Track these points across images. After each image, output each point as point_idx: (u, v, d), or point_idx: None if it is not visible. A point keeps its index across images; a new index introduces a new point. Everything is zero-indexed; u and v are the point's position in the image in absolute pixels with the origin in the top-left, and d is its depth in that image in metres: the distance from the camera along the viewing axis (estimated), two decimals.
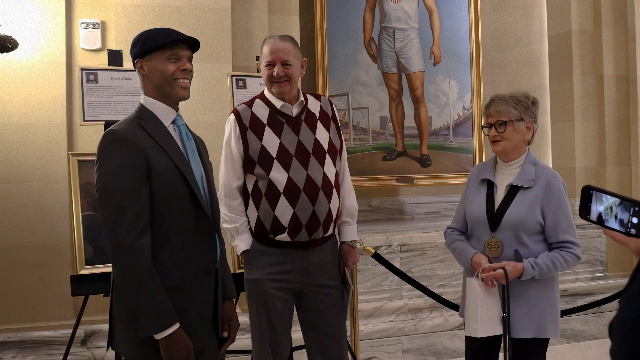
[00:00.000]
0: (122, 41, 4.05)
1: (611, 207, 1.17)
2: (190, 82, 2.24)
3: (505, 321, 2.50)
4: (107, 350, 2.18)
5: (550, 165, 5.97)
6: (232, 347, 3.69)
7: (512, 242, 2.56)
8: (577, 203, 4.75)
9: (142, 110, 2.20)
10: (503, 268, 2.49)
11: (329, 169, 2.75)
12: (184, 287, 2.13)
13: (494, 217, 2.59)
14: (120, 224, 2.02)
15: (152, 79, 2.19)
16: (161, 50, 2.17)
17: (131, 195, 2.05)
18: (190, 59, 2.24)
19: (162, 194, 2.10)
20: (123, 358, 3.01)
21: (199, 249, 2.18)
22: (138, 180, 2.06)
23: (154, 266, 2.05)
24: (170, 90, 2.19)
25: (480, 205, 2.66)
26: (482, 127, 2.73)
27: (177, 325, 2.05)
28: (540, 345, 2.57)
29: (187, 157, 2.21)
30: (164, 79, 2.18)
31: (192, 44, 2.25)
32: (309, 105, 2.81)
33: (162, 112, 2.20)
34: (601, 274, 5.33)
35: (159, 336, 2.03)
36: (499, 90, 2.79)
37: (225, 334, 2.32)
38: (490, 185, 2.67)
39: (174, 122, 2.24)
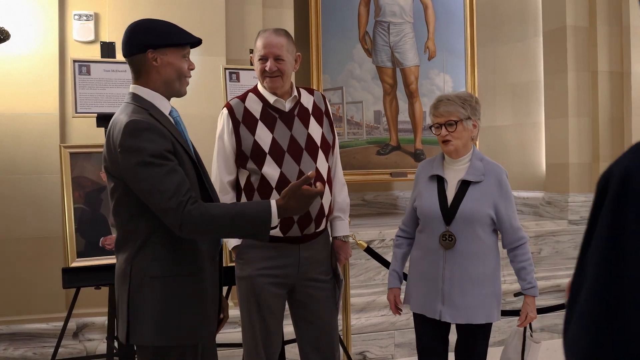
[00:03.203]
0: (115, 33, 4.03)
1: None
2: None
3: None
4: (125, 343, 2.15)
5: (544, 161, 5.98)
6: (223, 340, 3.69)
7: (467, 234, 2.71)
8: (571, 198, 4.74)
9: (142, 101, 2.16)
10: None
11: (322, 165, 2.74)
12: (202, 272, 2.18)
13: (448, 212, 2.72)
14: (179, 201, 2.00)
15: (163, 72, 2.16)
16: (178, 47, 2.17)
17: (176, 173, 2.04)
18: None
19: None
20: (115, 346, 3.01)
21: None
22: (175, 162, 2.06)
23: (176, 256, 2.11)
24: (179, 87, 2.20)
25: (433, 200, 2.77)
26: (430, 127, 2.84)
27: (273, 205, 2.08)
28: (488, 329, 2.82)
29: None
30: (176, 75, 2.18)
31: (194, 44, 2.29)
32: (302, 100, 2.80)
33: (161, 103, 2.19)
34: None
35: (275, 222, 2.09)
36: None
37: (221, 315, 2.37)
38: (440, 181, 2.79)
39: (169, 113, 2.24)
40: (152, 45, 2.13)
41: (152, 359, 2.14)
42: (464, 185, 2.74)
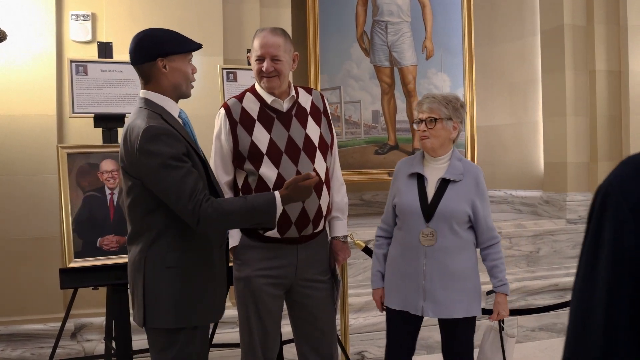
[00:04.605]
0: (112, 33, 4.03)
1: None
2: None
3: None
4: (142, 326, 2.35)
5: (542, 160, 5.98)
6: (221, 340, 3.69)
7: (446, 231, 2.76)
8: (569, 198, 4.73)
9: (154, 106, 2.33)
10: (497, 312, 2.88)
11: (319, 165, 2.73)
12: (212, 259, 2.40)
13: (428, 209, 2.78)
14: (196, 200, 2.20)
15: (171, 77, 2.34)
16: (185, 53, 2.37)
17: (192, 174, 2.23)
18: None
19: None
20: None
21: None
22: (189, 164, 2.26)
23: (189, 246, 2.31)
24: (186, 89, 2.41)
25: (413, 197, 2.83)
26: (413, 123, 2.93)
27: (277, 195, 2.33)
28: (472, 324, 2.87)
29: None
30: (185, 79, 2.38)
31: None
32: (300, 100, 2.79)
33: (171, 106, 2.37)
34: None
35: (280, 211, 2.34)
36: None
37: None
38: (420, 179, 2.85)
39: (178, 114, 2.42)
40: (162, 54, 2.32)
41: (164, 340, 2.33)
42: (444, 183, 2.80)
